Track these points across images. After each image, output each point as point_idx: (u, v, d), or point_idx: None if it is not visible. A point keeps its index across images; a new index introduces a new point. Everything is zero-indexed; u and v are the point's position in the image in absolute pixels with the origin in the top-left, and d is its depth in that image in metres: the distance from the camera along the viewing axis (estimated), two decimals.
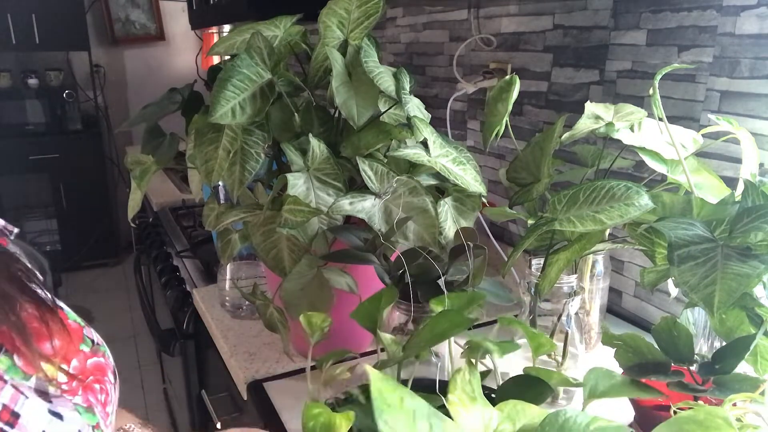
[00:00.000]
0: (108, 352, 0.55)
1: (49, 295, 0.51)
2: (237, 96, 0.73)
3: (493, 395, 0.59)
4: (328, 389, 0.65)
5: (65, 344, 0.49)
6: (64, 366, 0.47)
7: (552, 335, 0.83)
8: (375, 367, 0.60)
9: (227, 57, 0.83)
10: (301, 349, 0.94)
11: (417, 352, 0.56)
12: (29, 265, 0.53)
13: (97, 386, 0.50)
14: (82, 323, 0.54)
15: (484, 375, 0.63)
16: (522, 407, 0.49)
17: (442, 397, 0.56)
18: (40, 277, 0.55)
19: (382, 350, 0.63)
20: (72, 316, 0.54)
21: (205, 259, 1.51)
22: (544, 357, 0.80)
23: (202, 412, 1.38)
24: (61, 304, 0.54)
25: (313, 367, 0.66)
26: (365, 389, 0.61)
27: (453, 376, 0.51)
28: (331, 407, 0.52)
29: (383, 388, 0.34)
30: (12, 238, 0.56)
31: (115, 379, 0.55)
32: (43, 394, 0.43)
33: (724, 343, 0.59)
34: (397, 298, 0.76)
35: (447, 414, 0.50)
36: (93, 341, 0.53)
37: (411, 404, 0.35)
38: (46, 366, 0.45)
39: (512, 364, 0.71)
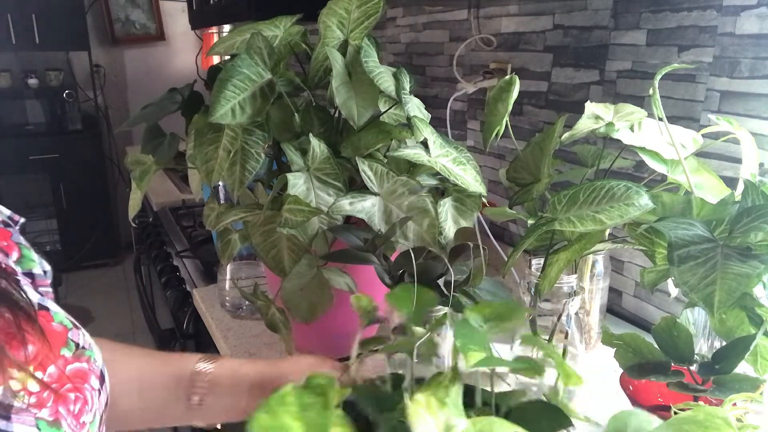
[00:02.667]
0: (95, 356, 0.53)
1: (30, 297, 0.49)
2: (237, 96, 0.73)
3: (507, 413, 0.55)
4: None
5: (42, 350, 0.47)
6: (39, 374, 0.45)
7: (552, 335, 0.83)
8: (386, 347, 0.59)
9: (227, 57, 0.83)
10: (303, 348, 0.94)
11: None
12: (9, 264, 0.51)
13: (71, 395, 0.48)
14: (70, 325, 0.52)
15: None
16: (502, 428, 0.43)
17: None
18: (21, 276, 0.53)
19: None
20: (58, 318, 0.51)
21: (205, 259, 1.51)
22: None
23: None
24: (49, 304, 0.52)
25: (345, 358, 0.65)
26: (394, 379, 0.59)
27: (433, 376, 0.47)
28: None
29: None
30: (17, 228, 0.54)
31: (101, 384, 0.52)
32: (6, 408, 0.42)
33: (724, 343, 0.59)
34: None
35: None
36: (78, 345, 0.51)
37: None
38: (17, 374, 0.43)
39: None
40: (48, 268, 0.56)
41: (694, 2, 0.91)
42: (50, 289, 0.55)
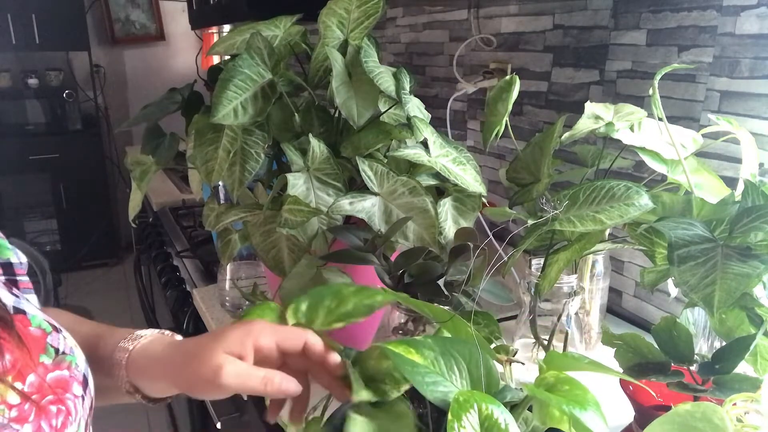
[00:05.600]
0: (77, 360, 0.50)
1: (5, 300, 0.46)
2: (239, 96, 0.73)
3: None
4: None
5: (21, 358, 0.44)
6: (18, 384, 0.43)
7: (552, 335, 0.83)
8: None
9: (227, 57, 0.83)
10: None
11: None
12: None
13: (53, 408, 0.45)
14: (49, 329, 0.49)
15: None
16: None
17: None
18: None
19: None
20: (36, 321, 0.48)
21: (205, 259, 1.51)
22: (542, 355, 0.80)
23: (202, 413, 1.38)
24: (26, 306, 0.49)
25: None
26: None
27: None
28: None
29: None
30: None
31: (84, 389, 0.50)
32: None
33: (724, 343, 0.59)
34: None
35: None
36: (57, 350, 0.48)
37: None
38: None
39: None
40: (24, 259, 0.53)
41: (694, 2, 0.91)
42: (27, 278, 0.52)
